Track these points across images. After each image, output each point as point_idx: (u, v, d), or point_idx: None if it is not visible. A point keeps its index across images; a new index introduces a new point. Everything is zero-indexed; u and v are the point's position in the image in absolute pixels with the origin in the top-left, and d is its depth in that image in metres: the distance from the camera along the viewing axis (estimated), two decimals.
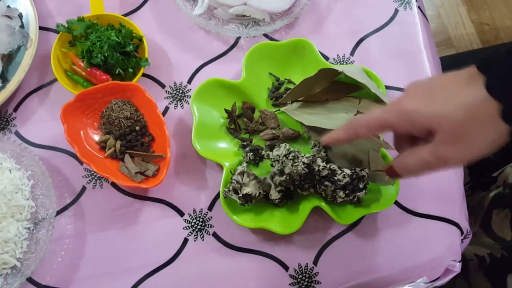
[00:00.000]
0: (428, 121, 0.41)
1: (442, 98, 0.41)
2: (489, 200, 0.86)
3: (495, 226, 0.82)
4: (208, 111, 0.69)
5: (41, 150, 0.69)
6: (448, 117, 0.40)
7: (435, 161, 0.42)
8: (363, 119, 0.47)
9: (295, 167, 0.58)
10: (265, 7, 0.74)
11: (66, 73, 0.71)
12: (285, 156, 0.59)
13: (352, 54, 0.76)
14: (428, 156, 0.43)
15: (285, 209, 0.64)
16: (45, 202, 0.64)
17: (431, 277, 0.66)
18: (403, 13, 0.79)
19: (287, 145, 0.61)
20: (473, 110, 0.39)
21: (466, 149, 0.41)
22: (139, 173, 0.65)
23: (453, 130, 0.40)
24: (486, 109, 0.39)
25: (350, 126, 0.48)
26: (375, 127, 0.46)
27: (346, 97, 0.70)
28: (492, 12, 1.77)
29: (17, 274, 0.61)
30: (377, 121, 0.45)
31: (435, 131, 0.41)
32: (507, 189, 0.83)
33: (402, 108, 0.43)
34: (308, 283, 0.64)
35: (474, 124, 0.40)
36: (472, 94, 0.40)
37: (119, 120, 0.67)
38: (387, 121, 0.45)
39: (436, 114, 0.41)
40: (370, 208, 0.63)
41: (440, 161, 0.42)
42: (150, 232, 0.66)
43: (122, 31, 0.70)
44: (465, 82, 0.41)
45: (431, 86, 0.43)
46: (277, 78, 0.73)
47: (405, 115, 0.43)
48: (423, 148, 0.43)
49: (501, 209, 0.82)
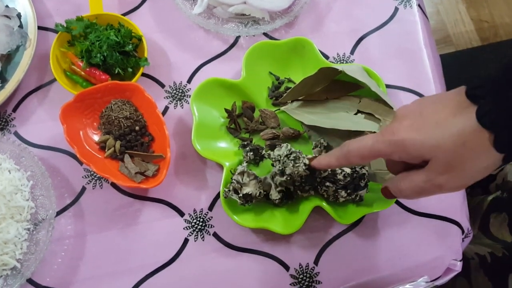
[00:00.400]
0: (422, 151, 0.42)
1: (435, 126, 0.41)
2: (487, 204, 0.86)
3: (493, 229, 0.82)
4: (208, 111, 0.68)
5: (40, 151, 0.69)
6: (442, 147, 0.41)
7: (431, 188, 0.43)
8: (355, 148, 0.47)
9: (296, 168, 0.58)
10: (264, 5, 0.74)
11: (65, 73, 0.70)
12: (286, 157, 0.59)
13: (352, 53, 0.76)
14: (423, 184, 0.43)
15: (285, 209, 0.64)
16: (45, 202, 0.64)
17: (432, 276, 0.66)
18: (403, 12, 0.79)
19: (288, 145, 0.60)
20: (465, 140, 0.40)
21: (460, 177, 0.42)
22: (139, 173, 0.65)
23: (447, 160, 0.41)
24: (478, 138, 0.39)
25: (342, 154, 0.48)
26: (368, 157, 0.46)
27: (347, 96, 0.70)
28: (491, 9, 1.77)
29: (17, 275, 0.61)
30: (370, 151, 0.45)
31: (429, 159, 0.42)
32: (505, 192, 0.83)
33: (396, 139, 0.43)
34: (309, 283, 0.64)
35: (467, 153, 0.40)
36: (463, 123, 0.40)
37: (118, 120, 0.66)
38: (381, 151, 0.45)
39: (430, 145, 0.41)
40: (371, 207, 0.63)
41: (435, 189, 0.43)
42: (150, 232, 0.66)
43: (121, 31, 0.69)
44: (456, 110, 0.41)
45: (422, 113, 0.43)
46: (277, 77, 0.72)
47: (400, 146, 0.43)
48: (418, 175, 0.44)
49: (498, 213, 0.82)
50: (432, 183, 0.43)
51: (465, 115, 0.40)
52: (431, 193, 0.44)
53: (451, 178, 0.42)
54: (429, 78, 0.75)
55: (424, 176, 0.43)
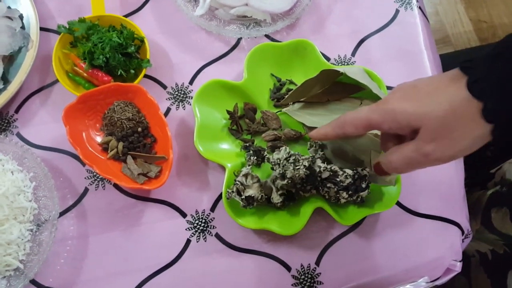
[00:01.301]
0: (412, 120, 0.43)
1: (426, 96, 0.42)
2: (487, 198, 0.87)
3: (496, 223, 0.82)
4: (210, 112, 0.69)
5: (43, 152, 0.69)
6: (431, 115, 0.41)
7: (419, 157, 0.44)
8: (350, 117, 0.48)
9: (297, 171, 0.59)
10: (266, 8, 0.74)
11: (68, 74, 0.71)
12: (286, 160, 0.60)
13: (353, 55, 0.76)
14: (412, 153, 0.44)
15: (287, 210, 0.64)
16: (48, 203, 0.64)
17: (432, 277, 0.66)
18: (404, 14, 0.80)
19: (287, 148, 0.61)
20: (455, 108, 0.41)
21: (448, 146, 0.42)
22: (142, 174, 0.65)
23: (436, 128, 0.42)
24: (468, 107, 0.40)
25: (337, 123, 0.50)
26: (362, 126, 0.47)
27: (348, 98, 0.70)
28: (490, 9, 1.77)
29: (20, 276, 0.61)
30: (363, 120, 0.47)
31: (419, 128, 0.43)
32: (505, 187, 0.84)
33: (387, 107, 0.44)
34: (310, 283, 0.64)
35: (456, 122, 0.41)
36: (454, 92, 0.41)
37: (121, 122, 0.67)
38: (373, 120, 0.46)
39: (419, 113, 0.42)
40: (372, 208, 0.64)
41: (424, 157, 0.43)
42: (153, 233, 0.66)
43: (123, 32, 0.70)
44: (449, 82, 0.42)
45: (416, 85, 0.45)
46: (278, 79, 0.73)
47: (390, 114, 0.44)
48: (407, 145, 0.45)
49: (499, 207, 0.82)
50: (420, 152, 0.43)
51: (456, 85, 0.41)
52: (420, 164, 0.44)
53: (438, 147, 0.42)
54: None
55: (413, 145, 0.44)
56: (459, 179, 0.70)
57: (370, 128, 0.47)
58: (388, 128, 0.45)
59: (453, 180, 0.70)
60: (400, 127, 0.44)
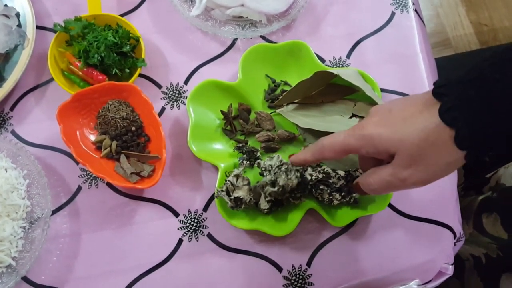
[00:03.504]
0: (388, 146, 0.43)
1: (401, 122, 0.43)
2: (478, 203, 0.87)
3: (488, 228, 0.82)
4: (204, 112, 0.69)
5: (37, 150, 0.69)
6: (406, 142, 0.42)
7: (396, 182, 0.45)
8: (328, 142, 0.49)
9: (290, 181, 0.59)
10: (262, 8, 0.74)
11: (63, 72, 0.71)
12: (278, 168, 0.60)
13: (348, 57, 0.76)
14: (389, 177, 0.45)
15: (279, 212, 0.65)
16: (41, 201, 0.64)
17: (424, 280, 0.67)
18: (400, 16, 0.80)
19: (279, 156, 0.61)
20: (428, 135, 0.41)
21: (423, 171, 0.43)
22: (135, 173, 0.65)
23: (410, 154, 0.42)
24: (441, 134, 0.41)
25: (316, 149, 0.50)
26: (340, 151, 0.48)
27: (342, 99, 0.70)
28: (491, 12, 1.77)
29: (12, 273, 0.62)
30: (341, 145, 0.47)
31: (395, 153, 0.43)
32: (496, 193, 0.84)
33: (364, 133, 0.45)
34: (301, 284, 0.65)
35: (430, 148, 0.41)
36: (428, 119, 0.41)
37: (115, 121, 0.67)
38: (351, 145, 0.47)
39: (395, 139, 0.43)
40: (364, 210, 0.64)
41: (401, 182, 0.44)
42: (145, 232, 0.66)
43: (119, 32, 0.70)
44: (422, 107, 0.43)
45: (391, 110, 0.45)
46: (273, 80, 0.73)
47: (368, 140, 0.45)
48: (385, 168, 0.45)
49: (489, 213, 0.83)
50: (396, 177, 0.44)
51: (430, 111, 0.42)
52: (397, 187, 0.45)
53: (414, 172, 0.43)
54: (424, 83, 0.75)
55: (390, 169, 0.45)
56: (452, 182, 0.70)
57: (349, 152, 0.48)
58: (366, 152, 0.46)
59: (446, 183, 0.70)
60: (377, 152, 0.45)
